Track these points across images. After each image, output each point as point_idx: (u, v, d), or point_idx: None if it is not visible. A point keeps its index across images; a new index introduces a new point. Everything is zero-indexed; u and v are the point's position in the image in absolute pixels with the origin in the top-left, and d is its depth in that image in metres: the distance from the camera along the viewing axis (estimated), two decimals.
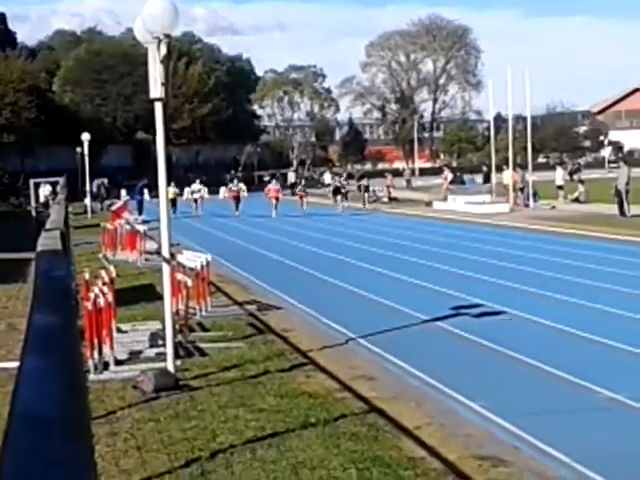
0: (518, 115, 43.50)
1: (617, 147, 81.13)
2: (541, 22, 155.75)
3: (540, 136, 52.49)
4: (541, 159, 60.26)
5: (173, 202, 32.50)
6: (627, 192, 29.45)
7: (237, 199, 39.74)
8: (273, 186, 39.90)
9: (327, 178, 61.79)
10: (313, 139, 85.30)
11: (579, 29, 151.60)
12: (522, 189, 37.44)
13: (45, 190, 40.38)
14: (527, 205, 36.23)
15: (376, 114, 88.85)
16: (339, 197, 38.40)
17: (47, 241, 7.32)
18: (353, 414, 8.57)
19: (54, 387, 1.56)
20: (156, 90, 9.31)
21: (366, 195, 39.54)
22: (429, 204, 40.34)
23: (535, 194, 36.59)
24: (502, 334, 12.63)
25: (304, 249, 26.05)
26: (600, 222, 25.00)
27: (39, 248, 7.30)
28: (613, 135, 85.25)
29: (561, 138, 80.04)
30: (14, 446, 1.12)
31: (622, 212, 28.90)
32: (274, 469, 6.90)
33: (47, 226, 10.56)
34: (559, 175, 40.99)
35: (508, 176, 37.77)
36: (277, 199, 37.52)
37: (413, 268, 21.33)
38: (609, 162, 66.85)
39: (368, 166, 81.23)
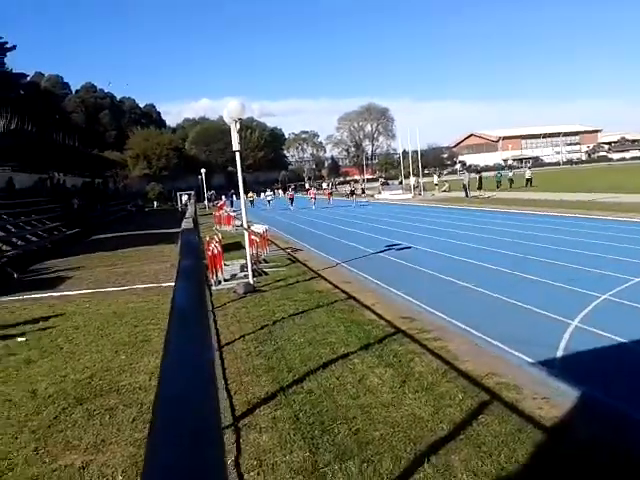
0: (414, 150, 50.17)
1: (463, 164, 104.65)
2: (425, 104, 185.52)
3: (425, 160, 63.47)
4: (426, 171, 71.21)
5: (252, 202, 45.25)
6: (468, 185, 38.23)
7: (291, 199, 43.25)
8: (312, 190, 48.23)
9: (324, 185, 73.71)
10: (314, 167, 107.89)
11: (445, 105, 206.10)
12: (417, 187, 46.69)
13: (184, 197, 52.37)
14: (420, 194, 45.10)
15: (344, 153, 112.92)
16: (353, 196, 44.34)
17: (186, 224, 8.56)
18: (340, 300, 10.04)
19: (191, 294, 1.96)
20: (235, 146, 11.03)
21: (354, 195, 44.73)
22: (373, 196, 50.13)
23: (424, 188, 46.42)
24: (410, 257, 14.40)
25: (317, 222, 28.53)
26: (455, 200, 31.04)
27: (183, 226, 8.61)
28: (461, 158, 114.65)
29: (435, 160, 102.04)
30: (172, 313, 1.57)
31: (466, 195, 37.17)
32: (304, 327, 8.28)
33: (186, 216, 12.63)
34: (435, 178, 53.86)
35: (413, 180, 47.54)
36: (314, 197, 41.68)
37: (370, 227, 24.46)
38: (459, 171, 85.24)
39: (341, 178, 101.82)
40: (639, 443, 4.37)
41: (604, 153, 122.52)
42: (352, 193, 45.74)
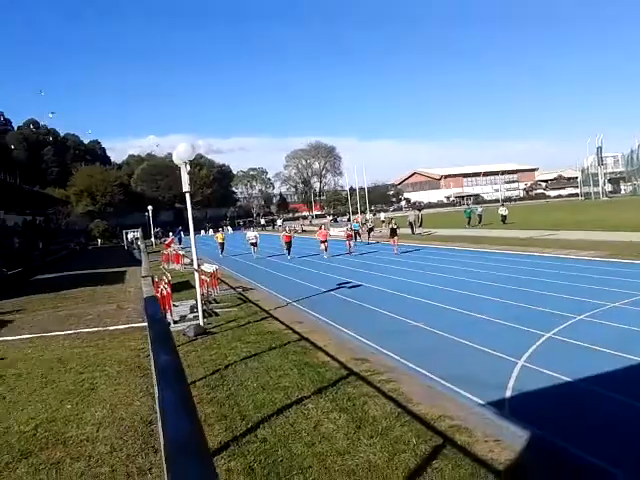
0: (361, 187, 52.89)
1: (408, 200, 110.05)
2: (370, 142, 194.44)
3: (371, 197, 66.51)
4: (372, 208, 71.86)
5: (222, 245, 31.77)
6: (415, 222, 38.17)
7: (289, 244, 27.38)
8: (323, 231, 27.43)
9: (279, 222, 72.12)
10: (263, 203, 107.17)
11: (389, 144, 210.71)
12: (365, 223, 45.28)
13: (130, 235, 53.37)
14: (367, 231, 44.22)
15: (293, 189, 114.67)
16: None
17: (147, 288, 8.44)
18: (293, 341, 9.98)
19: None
20: (185, 187, 11.02)
21: (298, 229, 46.23)
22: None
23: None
24: (361, 296, 14.40)
25: (265, 257, 29.08)
26: (401, 237, 28.24)
27: (144, 293, 8.21)
28: (406, 195, 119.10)
29: (381, 197, 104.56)
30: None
31: (412, 232, 37.25)
32: (257, 371, 8.15)
33: (143, 273, 12.22)
34: (382, 215, 54.04)
35: (364, 217, 48.73)
36: (325, 242, 26.34)
37: (318, 265, 25.32)
38: (405, 208, 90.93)
39: (290, 215, 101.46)
40: None
41: (541, 190, 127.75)
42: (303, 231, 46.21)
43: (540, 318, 10.44)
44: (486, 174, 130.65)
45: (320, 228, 27.61)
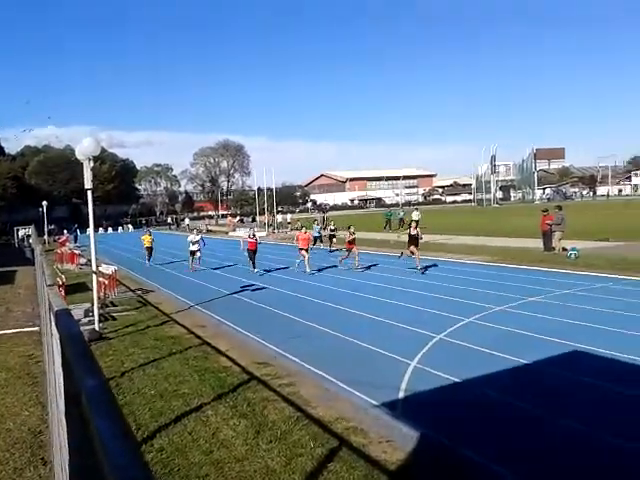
0: (269, 187, 51.71)
1: (314, 202, 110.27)
2: (280, 143, 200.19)
3: (279, 197, 62.25)
4: (280, 209, 69.96)
5: (150, 250, 24.24)
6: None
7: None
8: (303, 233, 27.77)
9: (186, 221, 68.79)
10: (167, 201, 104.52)
11: (299, 145, 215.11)
12: (271, 224, 47.07)
13: (21, 232, 48.71)
14: (274, 232, 44.80)
15: (199, 188, 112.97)
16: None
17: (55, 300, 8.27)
18: (194, 346, 9.79)
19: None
20: (88, 183, 10.42)
21: (203, 229, 44.02)
22: (227, 233, 48.74)
23: (278, 226, 47.08)
24: (265, 299, 14.37)
25: (166, 258, 28.28)
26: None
27: (54, 307, 7.99)
28: (312, 196, 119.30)
29: (288, 198, 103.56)
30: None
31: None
32: (155, 378, 7.92)
33: (48, 282, 11.63)
34: (288, 217, 53.44)
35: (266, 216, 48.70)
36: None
37: (223, 266, 24.78)
38: (311, 209, 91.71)
39: (195, 214, 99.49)
40: None
41: (438, 196, 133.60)
42: (208, 231, 45.28)
43: (433, 320, 10.92)
44: (388, 178, 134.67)
45: (301, 230, 20.94)
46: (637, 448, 5.26)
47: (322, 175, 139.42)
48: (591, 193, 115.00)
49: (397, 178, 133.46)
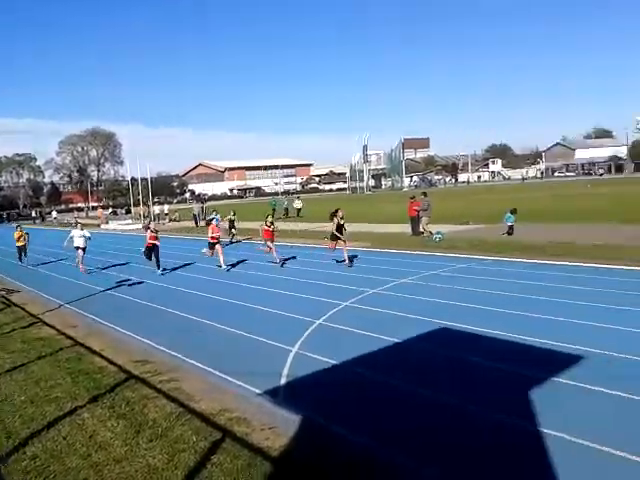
0: (144, 177, 49.44)
1: (192, 192, 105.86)
2: (156, 130, 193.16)
3: (155, 188, 62.50)
4: (156, 199, 69.77)
5: (22, 251, 21.89)
6: (199, 214, 36.82)
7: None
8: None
9: (54, 214, 65.15)
10: (31, 193, 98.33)
11: (176, 133, 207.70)
12: (147, 216, 44.15)
13: None
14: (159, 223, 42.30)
15: (67, 178, 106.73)
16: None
17: None
18: (66, 347, 9.24)
19: None
20: None
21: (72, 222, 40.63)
22: (99, 225, 46.59)
23: (155, 218, 44.05)
24: (142, 294, 14.04)
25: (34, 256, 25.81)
26: (185, 230, 28.33)
27: None
28: (190, 186, 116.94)
29: (165, 189, 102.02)
30: None
31: (196, 224, 35.94)
32: (24, 384, 7.43)
33: None
34: (165, 208, 52.76)
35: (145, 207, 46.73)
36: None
37: (96, 261, 23.34)
38: (189, 200, 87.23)
39: (63, 206, 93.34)
40: (357, 464, 4.94)
41: (315, 184, 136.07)
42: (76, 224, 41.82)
43: (313, 307, 11.17)
44: (267, 168, 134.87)
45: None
46: (508, 422, 5.71)
47: (200, 164, 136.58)
48: (453, 180, 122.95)
49: (276, 167, 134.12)
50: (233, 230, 25.61)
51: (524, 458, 4.90)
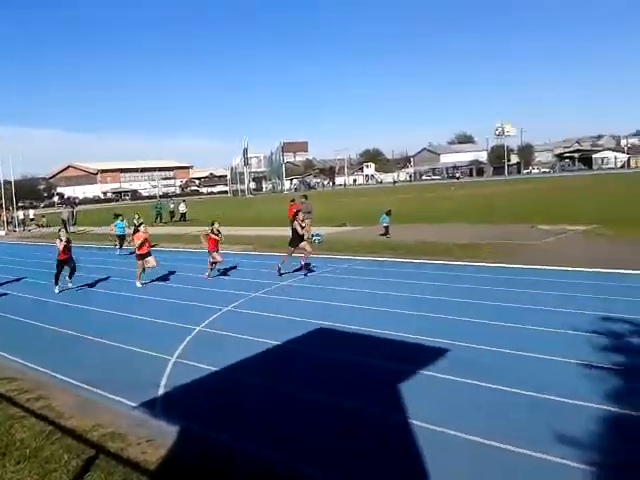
0: (6, 180, 45.83)
1: (61, 196, 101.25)
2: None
3: (18, 192, 53.86)
4: (21, 204, 62.05)
5: None
6: (68, 220, 34.41)
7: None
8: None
9: None
10: None
11: (44, 134, 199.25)
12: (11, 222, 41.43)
13: None
14: (15, 231, 40.50)
15: None
16: None
17: None
18: None
19: None
20: None
21: None
22: None
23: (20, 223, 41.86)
24: (5, 306, 12.80)
25: None
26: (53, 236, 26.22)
27: None
28: (59, 189, 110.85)
29: (30, 192, 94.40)
30: None
31: (66, 230, 29.71)
32: None
33: None
34: (30, 212, 49.63)
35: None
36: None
37: None
38: (58, 203, 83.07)
39: None
40: (239, 470, 4.92)
41: (195, 187, 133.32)
42: None
43: (193, 313, 10.96)
44: (144, 170, 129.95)
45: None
46: (391, 417, 5.95)
47: (70, 166, 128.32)
48: (331, 183, 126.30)
49: (153, 169, 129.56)
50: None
51: (394, 449, 5.16)
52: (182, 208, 40.73)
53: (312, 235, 21.73)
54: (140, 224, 16.39)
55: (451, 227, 23.34)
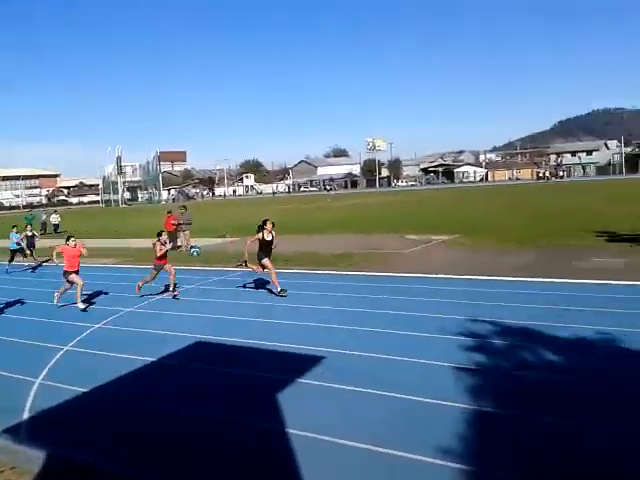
0: None
1: None
2: None
3: None
4: None
5: None
6: None
7: None
8: None
9: None
10: None
11: None
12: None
13: None
14: None
15: None
16: None
17: None
18: None
19: None
20: None
21: None
22: None
23: None
24: None
25: None
26: None
27: None
28: None
29: None
30: None
31: None
32: None
33: None
34: None
35: None
36: None
37: None
38: None
39: None
40: None
41: (64, 197, 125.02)
42: None
43: (60, 331, 10.37)
44: (5, 178, 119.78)
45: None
46: (261, 427, 5.97)
47: None
48: (210, 193, 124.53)
49: (16, 178, 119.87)
50: (32, 249, 20.34)
51: (272, 459, 5.24)
52: (54, 219, 37.99)
53: (190, 247, 21.34)
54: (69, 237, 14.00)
55: (328, 238, 24.00)
